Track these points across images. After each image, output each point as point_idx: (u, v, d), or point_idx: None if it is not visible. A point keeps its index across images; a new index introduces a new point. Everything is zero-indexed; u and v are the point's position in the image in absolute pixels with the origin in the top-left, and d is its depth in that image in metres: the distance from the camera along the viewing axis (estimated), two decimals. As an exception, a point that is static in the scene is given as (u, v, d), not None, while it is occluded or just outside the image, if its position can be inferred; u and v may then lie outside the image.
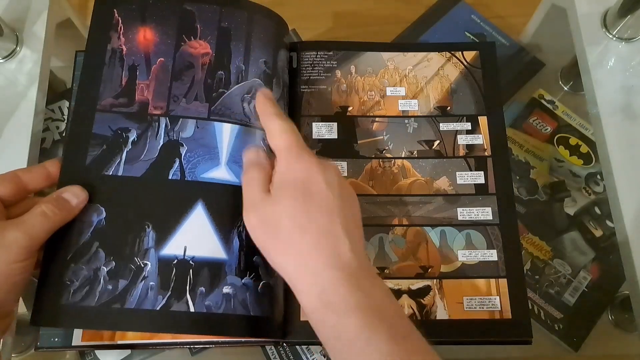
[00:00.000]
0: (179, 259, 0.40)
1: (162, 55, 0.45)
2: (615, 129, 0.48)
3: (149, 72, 0.44)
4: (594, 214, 0.59)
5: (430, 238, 0.46)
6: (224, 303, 0.39)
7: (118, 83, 0.44)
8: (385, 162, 0.48)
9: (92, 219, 0.40)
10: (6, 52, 0.51)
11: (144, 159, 0.42)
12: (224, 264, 0.40)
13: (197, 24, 0.46)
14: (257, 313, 0.40)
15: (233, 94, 0.44)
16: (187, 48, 0.45)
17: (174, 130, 0.43)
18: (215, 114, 0.44)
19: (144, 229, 0.40)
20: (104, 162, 0.42)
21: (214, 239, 0.40)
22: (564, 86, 0.67)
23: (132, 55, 0.45)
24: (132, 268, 0.39)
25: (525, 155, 0.61)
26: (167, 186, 0.41)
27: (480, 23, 0.68)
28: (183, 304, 0.39)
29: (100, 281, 0.39)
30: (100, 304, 0.38)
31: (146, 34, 0.45)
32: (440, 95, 0.51)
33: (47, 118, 0.59)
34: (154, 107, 0.43)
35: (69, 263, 0.39)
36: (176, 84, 0.44)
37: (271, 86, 0.46)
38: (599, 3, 0.53)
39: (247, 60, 0.45)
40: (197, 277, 0.39)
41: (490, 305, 0.43)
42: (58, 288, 0.38)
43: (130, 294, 0.39)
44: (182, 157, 0.42)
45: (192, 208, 0.41)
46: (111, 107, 0.43)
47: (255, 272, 0.40)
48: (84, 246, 0.39)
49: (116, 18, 0.46)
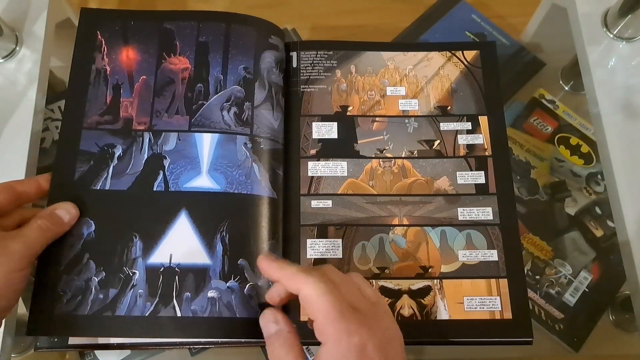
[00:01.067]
0: (165, 266, 0.42)
1: (145, 73, 0.47)
2: (616, 129, 0.48)
3: (133, 90, 0.47)
4: (594, 214, 0.59)
5: (431, 238, 0.46)
6: (209, 307, 0.41)
7: (103, 101, 0.46)
8: (385, 162, 0.48)
9: (82, 232, 0.42)
10: (6, 52, 0.51)
11: (130, 172, 0.44)
12: (208, 269, 0.42)
13: (176, 41, 0.48)
14: (243, 315, 0.41)
15: (212, 104, 0.46)
16: (168, 65, 0.47)
17: (157, 143, 0.45)
18: (196, 126, 0.46)
19: (131, 239, 0.42)
20: (92, 177, 0.44)
21: (197, 245, 0.42)
22: (565, 86, 0.67)
23: (116, 74, 0.47)
24: (121, 277, 0.41)
25: (525, 155, 0.61)
26: (153, 197, 0.44)
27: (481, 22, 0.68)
28: (170, 309, 0.41)
29: (92, 290, 0.41)
30: (92, 313, 0.41)
31: (129, 54, 0.48)
32: (440, 95, 0.51)
33: (46, 118, 0.59)
34: (138, 122, 0.46)
35: (62, 274, 0.41)
36: (158, 100, 0.46)
37: (253, 89, 0.47)
38: (599, 3, 0.53)
39: (226, 70, 0.47)
40: (182, 283, 0.41)
41: (491, 305, 0.43)
42: (52, 298, 0.41)
43: (121, 301, 0.41)
44: (166, 169, 0.44)
45: (177, 217, 0.43)
46: (97, 124, 0.46)
47: (240, 275, 0.42)
48: (75, 258, 0.42)
49: (99, 39, 0.48)
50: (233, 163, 0.45)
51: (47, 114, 0.59)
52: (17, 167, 0.48)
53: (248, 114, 0.46)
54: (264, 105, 0.47)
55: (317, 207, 0.46)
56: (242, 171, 0.45)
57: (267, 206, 0.44)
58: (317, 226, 0.46)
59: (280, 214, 0.45)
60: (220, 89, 0.47)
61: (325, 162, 0.48)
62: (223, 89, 0.47)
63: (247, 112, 0.46)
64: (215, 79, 0.47)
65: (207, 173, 0.44)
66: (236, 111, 0.46)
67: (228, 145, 0.45)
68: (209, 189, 0.44)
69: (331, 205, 0.47)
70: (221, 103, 0.46)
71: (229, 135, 0.46)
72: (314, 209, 0.46)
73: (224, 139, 0.45)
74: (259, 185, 0.44)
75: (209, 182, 0.44)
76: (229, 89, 0.47)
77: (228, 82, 0.47)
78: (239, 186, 0.44)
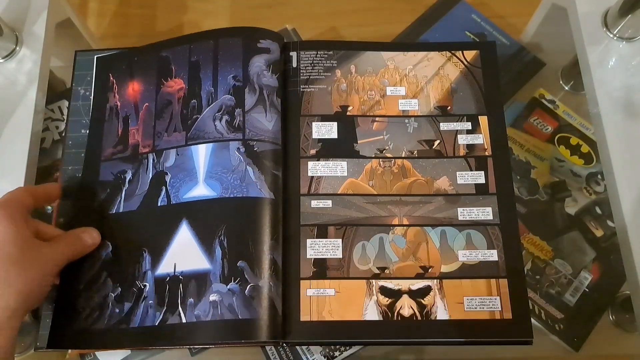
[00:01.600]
0: (171, 275, 0.43)
1: (147, 101, 0.50)
2: (615, 129, 0.48)
3: (138, 118, 0.50)
4: (594, 214, 0.59)
5: (431, 238, 0.46)
6: (211, 310, 0.41)
7: (115, 134, 0.50)
8: (385, 161, 0.48)
9: (101, 254, 0.45)
10: (6, 52, 0.51)
11: (138, 193, 0.46)
12: (209, 274, 0.43)
13: (172, 66, 0.50)
14: (245, 316, 0.41)
15: (205, 116, 0.48)
16: (166, 88, 0.50)
17: (159, 162, 0.47)
18: (192, 139, 0.47)
19: (141, 254, 0.44)
20: (109, 203, 0.47)
21: (197, 251, 0.43)
22: (565, 86, 0.66)
23: (125, 107, 0.50)
24: (134, 291, 0.43)
25: (525, 155, 0.61)
26: (157, 212, 0.45)
27: (481, 22, 0.68)
28: (176, 316, 0.42)
29: (109, 306, 0.43)
30: (108, 327, 0.42)
31: (134, 86, 0.51)
32: (440, 95, 0.51)
33: (46, 118, 0.59)
34: (143, 146, 0.48)
35: (82, 292, 0.44)
36: (159, 122, 0.49)
37: (243, 96, 0.48)
38: (599, 2, 0.53)
39: (216, 83, 0.49)
40: (186, 290, 0.42)
41: (491, 305, 0.43)
42: (72, 315, 0.43)
43: (134, 314, 0.42)
44: (168, 184, 0.46)
45: (178, 227, 0.44)
46: (112, 155, 0.49)
47: (240, 277, 0.42)
48: (94, 277, 0.44)
49: (112, 80, 0.52)
50: (227, 169, 0.45)
51: (47, 114, 0.59)
52: (17, 167, 0.48)
53: (239, 119, 0.47)
54: (255, 109, 0.48)
55: (317, 207, 0.46)
56: (236, 175, 0.45)
57: (265, 207, 0.44)
58: (317, 226, 0.46)
59: (280, 215, 0.45)
60: (212, 101, 0.48)
61: (325, 162, 0.48)
62: (214, 100, 0.48)
63: (239, 118, 0.47)
64: (207, 93, 0.49)
65: (203, 182, 0.45)
66: (228, 119, 0.47)
67: (221, 152, 0.46)
68: (205, 196, 0.45)
69: (331, 205, 0.47)
70: (213, 114, 0.48)
71: (222, 142, 0.46)
72: (314, 209, 0.46)
73: (217, 147, 0.46)
74: (255, 188, 0.45)
75: (205, 190, 0.45)
76: (220, 99, 0.48)
77: (219, 93, 0.48)
78: (234, 190, 0.45)
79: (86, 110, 0.51)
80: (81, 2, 0.76)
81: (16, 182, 0.47)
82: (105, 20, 0.75)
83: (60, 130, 0.59)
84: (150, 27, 0.75)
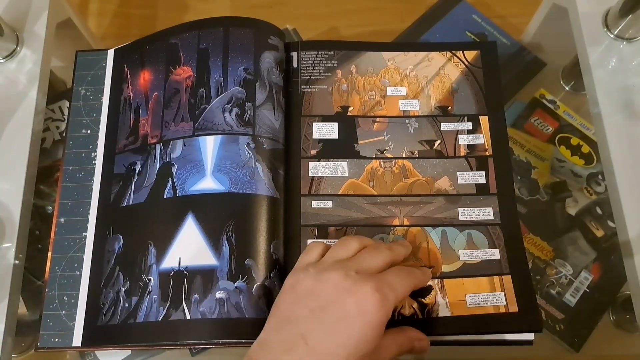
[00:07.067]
0: (175, 270, 0.42)
1: (156, 90, 0.48)
2: (616, 129, 0.48)
3: (148, 108, 0.48)
4: (595, 214, 0.59)
5: (431, 238, 0.46)
6: (217, 308, 0.40)
7: (128, 125, 0.49)
8: (386, 162, 0.48)
9: (114, 247, 0.44)
10: (6, 52, 0.51)
11: (146, 185, 0.46)
12: (215, 270, 0.42)
13: (180, 53, 0.49)
14: (252, 315, 0.40)
15: (214, 107, 0.47)
16: (174, 76, 0.48)
17: (166, 153, 0.46)
18: (199, 130, 0.46)
19: (147, 247, 0.43)
20: (121, 196, 0.46)
21: (204, 246, 0.42)
22: (565, 86, 0.67)
23: (136, 98, 0.49)
24: (140, 285, 0.42)
25: (526, 155, 0.61)
26: (163, 205, 0.44)
27: (481, 22, 0.68)
28: (180, 312, 0.41)
29: (120, 300, 0.43)
30: (120, 322, 0.42)
31: (145, 76, 0.50)
32: (441, 95, 0.51)
33: (47, 118, 0.59)
34: (152, 137, 0.47)
35: (102, 289, 0.44)
36: (167, 112, 0.47)
37: (254, 90, 0.47)
38: (600, 3, 0.53)
39: (226, 73, 0.48)
40: (191, 285, 0.41)
41: (495, 300, 0.43)
42: (96, 313, 0.43)
43: (140, 308, 0.42)
44: (174, 175, 0.45)
45: (184, 220, 0.43)
46: (124, 147, 0.48)
47: (248, 275, 0.41)
48: (110, 272, 0.44)
49: (126, 71, 0.51)
50: (237, 163, 0.45)
51: (47, 114, 0.59)
52: (17, 167, 0.48)
53: (250, 114, 0.46)
54: (265, 106, 0.47)
55: (317, 208, 0.46)
56: (245, 171, 0.44)
57: (271, 206, 0.44)
58: (317, 227, 0.46)
59: (282, 215, 0.45)
60: (221, 91, 0.47)
61: (325, 163, 0.48)
62: (224, 91, 0.47)
63: (249, 113, 0.46)
64: (216, 82, 0.47)
65: (211, 175, 0.44)
66: (238, 112, 0.46)
67: (231, 146, 0.45)
68: (213, 190, 0.44)
69: (332, 206, 0.47)
70: (223, 105, 0.46)
71: (232, 136, 0.45)
72: (314, 209, 0.46)
73: (226, 140, 0.45)
74: (263, 185, 0.44)
75: (213, 184, 0.44)
76: (230, 91, 0.47)
77: (229, 84, 0.47)
78: (243, 186, 0.44)
79: (87, 110, 0.51)
80: (81, 2, 0.76)
81: (16, 182, 0.47)
82: (106, 20, 0.75)
83: (61, 130, 0.59)
84: (151, 27, 0.75)
